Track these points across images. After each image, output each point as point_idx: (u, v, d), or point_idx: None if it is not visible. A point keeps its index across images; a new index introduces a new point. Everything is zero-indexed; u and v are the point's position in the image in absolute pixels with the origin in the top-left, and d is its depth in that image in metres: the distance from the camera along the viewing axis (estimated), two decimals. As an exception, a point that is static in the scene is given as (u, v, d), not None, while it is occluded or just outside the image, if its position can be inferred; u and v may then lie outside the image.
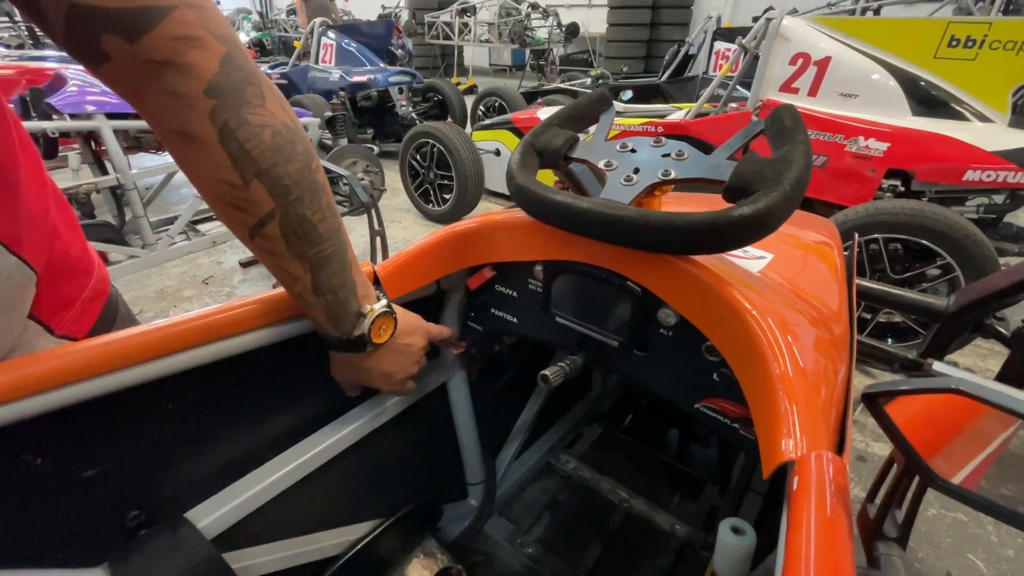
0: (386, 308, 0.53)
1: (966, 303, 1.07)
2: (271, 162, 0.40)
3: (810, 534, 0.30)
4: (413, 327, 0.61)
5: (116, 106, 2.03)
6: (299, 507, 0.68)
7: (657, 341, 0.58)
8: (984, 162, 1.96)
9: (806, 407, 0.40)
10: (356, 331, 0.52)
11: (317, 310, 0.51)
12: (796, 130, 0.52)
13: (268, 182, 0.41)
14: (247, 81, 0.39)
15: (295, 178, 0.42)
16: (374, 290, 0.54)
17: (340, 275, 0.49)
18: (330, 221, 0.46)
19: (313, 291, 0.49)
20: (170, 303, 2.52)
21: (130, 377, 0.47)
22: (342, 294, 0.50)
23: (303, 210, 0.43)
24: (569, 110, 0.67)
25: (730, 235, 0.45)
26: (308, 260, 0.46)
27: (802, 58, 2.39)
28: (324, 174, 0.46)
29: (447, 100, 5.10)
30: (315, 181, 0.44)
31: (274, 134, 0.40)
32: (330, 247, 0.47)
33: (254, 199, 0.42)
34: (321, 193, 0.45)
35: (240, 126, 0.38)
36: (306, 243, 0.45)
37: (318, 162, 0.45)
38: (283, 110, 0.41)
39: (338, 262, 0.48)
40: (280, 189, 0.41)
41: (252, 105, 0.39)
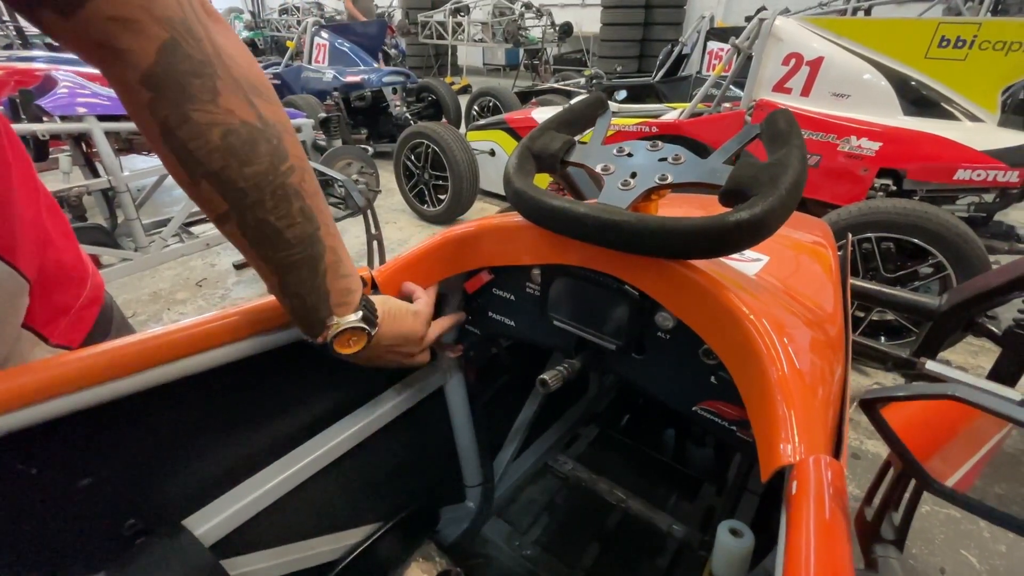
0: (357, 324, 0.50)
1: (958, 302, 1.09)
2: (220, 164, 0.37)
3: (810, 538, 0.31)
4: (402, 335, 0.58)
5: (107, 108, 2.01)
6: (297, 513, 0.68)
7: (654, 344, 0.59)
8: (974, 161, 1.98)
9: (803, 411, 0.40)
10: (320, 339, 0.49)
11: (285, 308, 0.49)
12: (791, 134, 0.52)
13: (218, 184, 0.38)
14: (195, 72, 0.34)
15: (253, 181, 0.38)
16: (357, 298, 0.50)
17: (309, 282, 0.46)
18: (301, 227, 0.43)
19: (281, 292, 0.47)
20: (163, 306, 2.51)
21: (126, 386, 0.47)
22: (310, 300, 0.47)
23: (263, 215, 0.40)
24: (565, 114, 0.67)
25: (728, 240, 0.46)
26: (272, 263, 0.44)
27: (795, 58, 2.40)
28: (304, 176, 0.42)
29: (441, 100, 5.09)
30: (282, 185, 0.40)
31: (226, 133, 0.36)
32: (299, 253, 0.43)
33: (206, 198, 0.39)
34: (291, 198, 0.41)
35: (181, 124, 0.35)
36: (269, 247, 0.42)
37: (294, 164, 0.41)
38: (246, 106, 0.37)
39: (308, 269, 0.45)
40: (234, 192, 0.38)
41: (198, 100, 0.35)
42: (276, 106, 0.40)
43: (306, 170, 0.43)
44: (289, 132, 0.41)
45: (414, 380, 0.80)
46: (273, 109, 0.40)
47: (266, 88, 0.40)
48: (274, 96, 0.41)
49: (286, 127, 0.41)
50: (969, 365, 2.08)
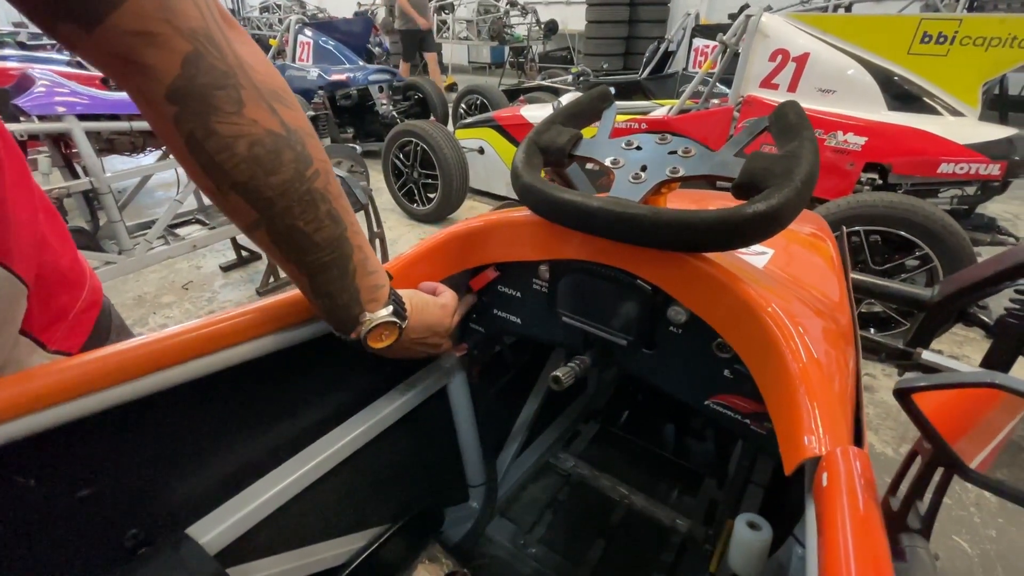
0: (388, 318, 0.51)
1: (950, 293, 1.10)
2: (248, 175, 0.37)
3: (846, 532, 0.30)
4: (429, 326, 0.59)
5: (87, 107, 1.96)
6: (302, 518, 0.67)
7: (666, 339, 0.58)
8: (957, 155, 2.02)
9: (826, 402, 0.40)
10: (353, 335, 0.50)
11: (318, 308, 0.50)
12: (802, 126, 0.52)
13: (246, 195, 0.38)
14: (218, 84, 0.34)
15: (280, 190, 0.38)
16: (386, 292, 0.51)
17: (340, 281, 0.46)
18: (328, 230, 0.43)
19: (312, 292, 0.47)
20: (149, 310, 2.45)
21: (126, 392, 0.46)
22: (341, 300, 0.48)
23: (292, 221, 0.40)
24: (571, 107, 0.66)
25: (745, 232, 0.45)
26: (303, 265, 0.44)
27: (781, 54, 2.43)
28: (328, 179, 0.43)
29: (428, 98, 5.05)
30: (308, 191, 0.40)
31: (252, 144, 0.36)
32: (328, 255, 0.44)
33: (235, 208, 0.39)
34: (318, 203, 0.41)
35: (208, 137, 0.34)
36: (299, 251, 0.43)
37: (319, 168, 0.41)
38: (269, 114, 0.37)
39: (338, 269, 0.46)
40: (262, 202, 0.38)
41: (223, 113, 0.34)
42: (297, 111, 0.40)
43: (330, 173, 0.43)
44: (311, 136, 0.41)
45: (417, 381, 0.79)
46: (294, 115, 0.39)
47: (286, 94, 0.40)
48: (294, 101, 0.40)
49: (308, 132, 0.41)
50: (956, 355, 2.13)
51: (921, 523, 0.35)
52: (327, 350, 0.65)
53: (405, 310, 0.53)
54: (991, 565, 1.29)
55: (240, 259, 2.83)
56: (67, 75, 2.25)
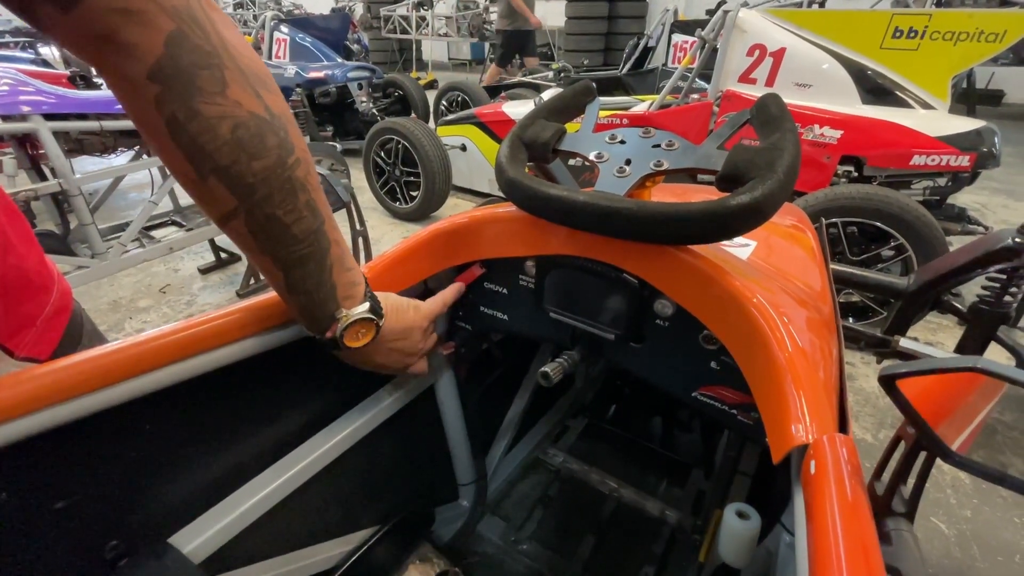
0: (366, 315, 0.50)
1: (925, 281, 1.13)
2: (230, 158, 0.36)
3: (835, 518, 0.31)
4: (406, 328, 0.58)
5: (54, 106, 1.89)
6: (289, 522, 0.65)
7: (653, 332, 0.59)
8: (929, 147, 2.07)
9: (812, 391, 0.41)
10: (329, 334, 0.49)
11: (292, 307, 0.48)
12: (783, 118, 0.53)
13: (227, 180, 0.37)
14: (202, 64, 0.33)
15: (262, 176, 0.37)
16: (363, 290, 0.50)
17: (316, 276, 0.45)
18: (307, 222, 0.42)
19: (287, 288, 0.46)
20: (124, 315, 2.39)
21: (101, 400, 0.44)
22: (317, 296, 0.46)
23: (272, 210, 0.39)
24: (554, 102, 0.66)
25: (730, 223, 0.46)
26: (279, 260, 0.43)
27: (759, 49, 2.46)
28: (308, 169, 0.41)
29: (408, 95, 5.00)
30: (290, 179, 0.39)
31: (235, 127, 0.35)
32: (306, 248, 0.43)
33: (213, 196, 0.38)
34: (298, 192, 0.40)
35: (191, 118, 0.33)
36: (276, 243, 0.42)
37: (300, 157, 0.40)
38: (253, 97, 0.36)
39: (315, 263, 0.44)
40: (242, 188, 0.37)
41: (206, 93, 0.33)
42: (279, 97, 0.39)
43: (310, 163, 0.42)
44: (293, 124, 0.40)
45: (404, 381, 0.78)
46: (277, 100, 0.39)
47: (270, 79, 0.38)
48: (276, 87, 0.39)
49: (290, 119, 0.40)
50: (931, 342, 2.19)
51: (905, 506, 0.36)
52: (312, 351, 0.63)
53: (382, 308, 0.52)
54: (967, 544, 1.33)
55: (219, 261, 2.77)
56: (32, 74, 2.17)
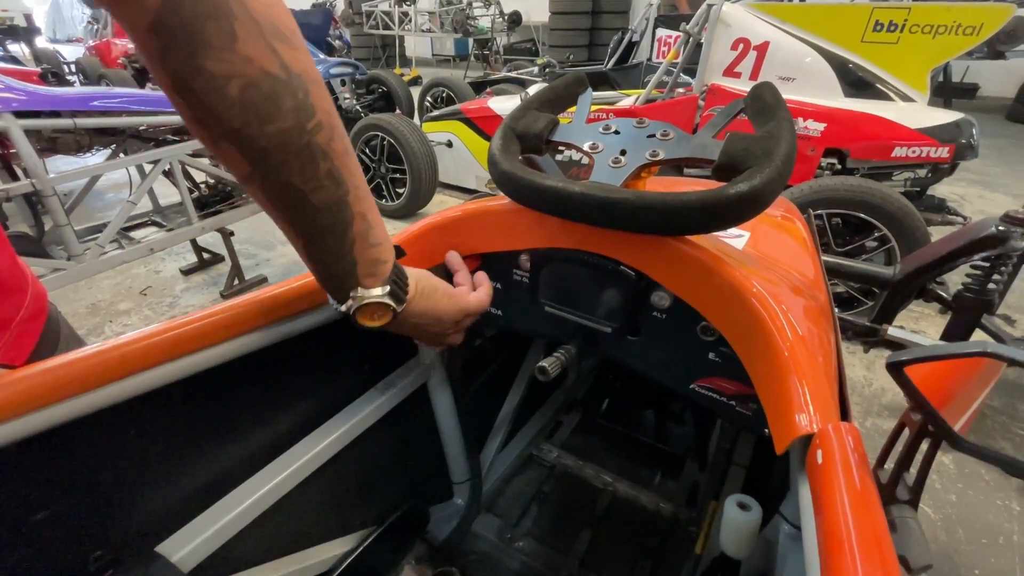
0: (382, 299, 0.47)
1: (910, 271, 1.15)
2: (240, 121, 0.33)
3: (845, 508, 0.30)
4: (435, 315, 0.54)
5: (25, 103, 1.82)
6: (281, 526, 0.64)
7: (650, 324, 0.58)
8: (910, 139, 2.11)
9: (814, 380, 0.40)
10: (343, 307, 0.47)
11: (312, 271, 0.46)
12: (777, 107, 0.53)
13: (238, 144, 0.34)
14: (207, 13, 0.30)
15: (277, 140, 0.34)
16: (388, 269, 0.47)
17: (336, 251, 0.42)
18: (328, 192, 0.39)
19: (306, 256, 0.44)
20: (104, 318, 2.33)
21: (82, 405, 0.42)
22: (336, 269, 0.44)
23: (287, 177, 0.37)
24: (546, 93, 0.65)
25: (728, 213, 0.45)
26: (297, 227, 0.41)
27: (743, 43, 2.48)
28: (332, 135, 0.38)
29: (392, 92, 4.95)
30: (308, 145, 0.36)
31: (245, 86, 0.32)
32: (326, 220, 0.40)
33: (228, 158, 0.35)
34: (318, 160, 0.37)
35: (195, 76, 0.31)
36: (294, 212, 0.39)
37: (322, 120, 0.37)
38: (267, 52, 0.33)
39: (334, 237, 0.41)
40: (255, 152, 0.35)
41: (213, 48, 0.30)
42: (302, 52, 0.35)
43: (335, 128, 0.38)
44: (317, 84, 0.36)
45: (396, 379, 0.77)
46: (299, 56, 0.35)
47: (291, 32, 0.34)
48: (300, 41, 0.35)
49: (313, 78, 0.36)
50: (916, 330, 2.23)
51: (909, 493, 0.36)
52: (301, 352, 0.62)
53: (406, 292, 0.49)
54: (953, 527, 1.36)
55: (202, 262, 2.71)
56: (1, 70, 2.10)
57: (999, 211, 1.00)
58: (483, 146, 3.35)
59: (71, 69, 6.64)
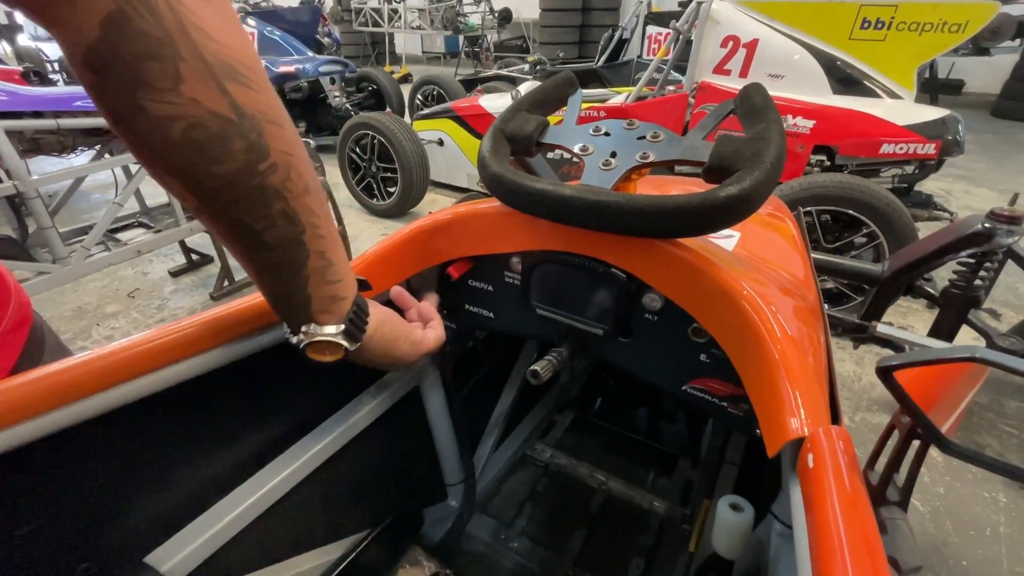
0: (334, 339, 0.45)
1: (899, 268, 1.16)
2: (185, 161, 0.31)
3: (835, 511, 0.30)
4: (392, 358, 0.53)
5: (6, 104, 1.80)
6: (273, 533, 0.63)
7: (642, 326, 0.58)
8: (897, 136, 2.12)
9: (804, 383, 0.40)
10: (293, 339, 0.45)
11: (264, 297, 0.44)
12: (767, 108, 0.53)
13: (185, 182, 0.33)
14: (148, 53, 0.28)
15: (225, 180, 0.33)
16: (346, 307, 0.45)
17: (289, 285, 0.41)
18: (281, 230, 0.37)
19: (258, 284, 0.42)
20: (91, 321, 2.29)
21: (67, 416, 0.41)
22: (288, 303, 0.42)
23: (238, 216, 0.35)
24: (536, 94, 0.65)
25: (718, 215, 0.45)
26: (248, 260, 0.39)
27: (732, 40, 2.48)
28: (289, 175, 0.36)
29: (383, 90, 4.92)
30: (260, 187, 0.34)
31: (189, 128, 0.30)
32: (279, 256, 0.38)
33: (174, 191, 0.34)
34: (270, 200, 0.35)
35: (134, 115, 0.29)
36: (244, 246, 0.38)
37: (276, 162, 0.35)
38: (217, 94, 0.31)
39: (288, 272, 0.40)
40: (203, 191, 0.33)
41: (154, 89, 0.28)
42: (259, 92, 0.34)
43: (292, 167, 0.37)
44: (274, 123, 0.35)
45: (388, 383, 0.77)
46: (253, 96, 0.33)
47: (247, 69, 0.33)
48: (258, 78, 0.34)
49: (271, 118, 0.35)
50: (903, 326, 2.25)
51: (899, 495, 0.36)
52: (291, 357, 0.61)
53: (364, 331, 0.47)
54: (941, 520, 1.38)
55: (191, 263, 2.68)
56: (-19, 70, 2.06)
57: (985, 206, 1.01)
58: (474, 144, 3.33)
59: (54, 68, 6.52)
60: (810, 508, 0.33)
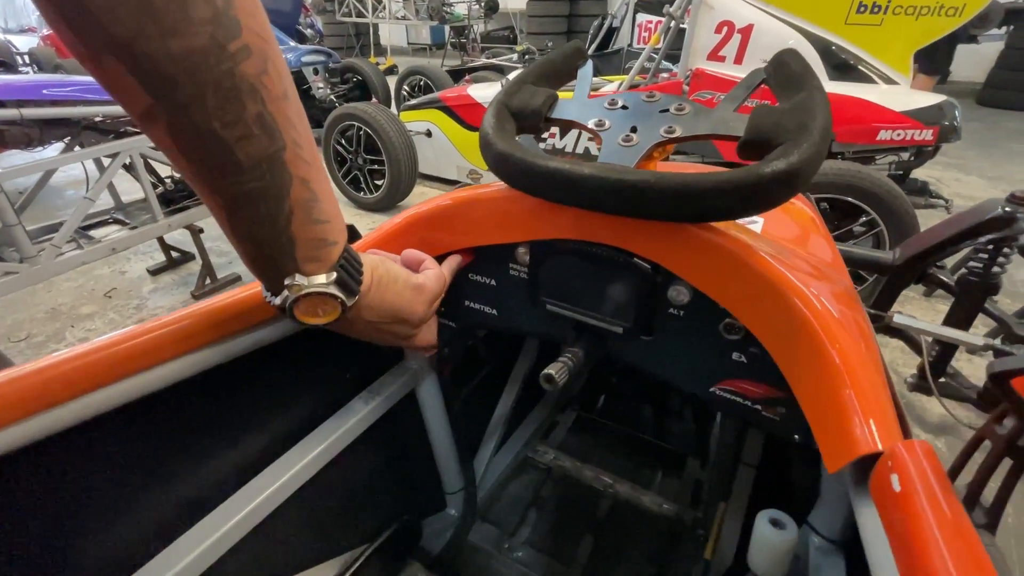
0: (326, 290, 0.37)
1: (911, 256, 1.12)
2: (131, 29, 0.24)
3: (940, 547, 0.25)
4: (396, 311, 0.45)
5: (-35, 94, 1.68)
6: (261, 553, 0.57)
7: (666, 323, 0.52)
8: (894, 122, 2.09)
9: (871, 389, 0.35)
10: (277, 299, 0.37)
11: (240, 254, 0.36)
12: (806, 76, 0.47)
13: (132, 65, 0.25)
14: None
15: (186, 64, 0.26)
16: (336, 252, 0.38)
17: (268, 225, 0.33)
18: (258, 143, 0.30)
19: (231, 229, 0.34)
20: (65, 323, 2.19)
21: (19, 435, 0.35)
22: (268, 248, 0.34)
23: (203, 119, 0.28)
24: (542, 66, 0.58)
25: (764, 195, 0.39)
26: (217, 191, 0.31)
27: (727, 26, 2.43)
28: (265, 66, 0.29)
29: (368, 81, 4.79)
30: (231, 75, 0.27)
31: None
32: (254, 182, 0.31)
33: (117, 85, 0.26)
34: (245, 97, 0.28)
35: None
36: (211, 168, 0.30)
37: (250, 44, 0.27)
38: None
39: (267, 205, 0.32)
40: (157, 80, 0.26)
41: None
42: None
43: (270, 59, 0.29)
44: None
45: (382, 387, 0.70)
46: None
47: None
48: None
49: None
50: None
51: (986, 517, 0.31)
52: (277, 359, 0.55)
53: (359, 282, 0.40)
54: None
55: (170, 261, 2.58)
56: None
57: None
58: (464, 135, 3.25)
59: (24, 60, 6.29)
60: (903, 539, 0.27)
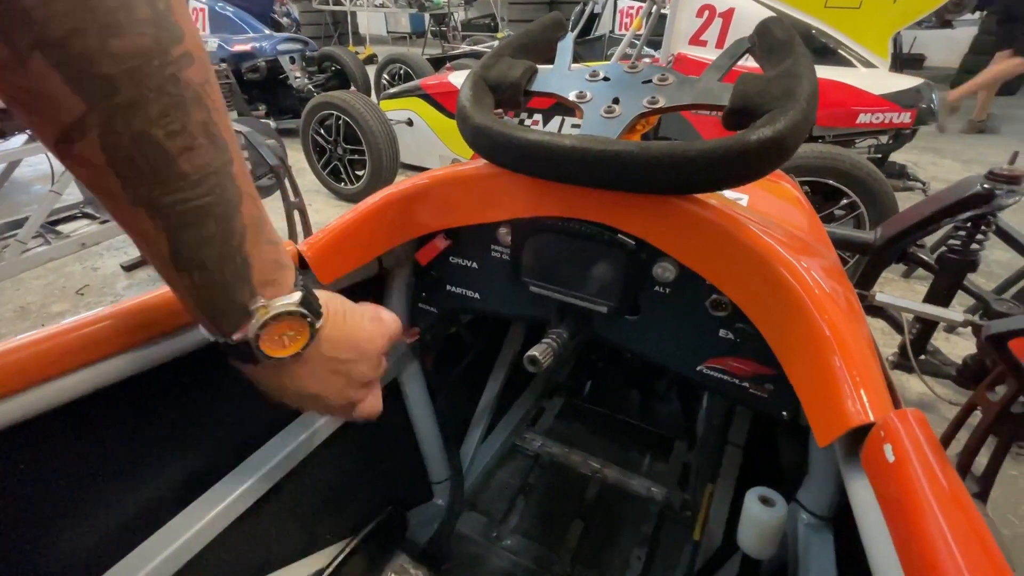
0: (295, 308, 0.33)
1: (892, 235, 1.13)
2: (68, 26, 0.22)
3: (937, 516, 0.24)
4: (356, 343, 0.38)
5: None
6: (239, 550, 0.55)
7: (652, 301, 0.51)
8: (874, 105, 2.11)
9: (862, 361, 0.34)
10: (238, 335, 0.32)
11: (180, 292, 0.31)
12: (791, 43, 0.46)
13: (64, 64, 0.22)
14: None
15: (127, 65, 0.23)
16: (292, 276, 0.34)
17: (220, 243, 0.29)
18: (204, 153, 0.27)
19: (172, 261, 0.29)
20: (35, 322, 2.11)
21: None
22: (221, 274, 0.30)
23: (143, 125, 0.25)
24: (520, 38, 0.56)
25: (750, 163, 0.38)
26: (159, 212, 0.27)
27: (708, 10, 2.42)
28: (207, 76, 0.27)
29: (346, 69, 4.69)
30: (175, 79, 0.25)
31: None
32: (204, 198, 0.28)
33: (41, 93, 0.23)
34: (190, 106, 0.26)
35: None
36: (153, 182, 0.26)
37: (192, 51, 0.26)
38: None
39: (217, 223, 0.29)
40: (94, 82, 0.23)
41: None
42: None
43: (209, 69, 0.27)
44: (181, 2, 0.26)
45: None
46: None
47: None
48: None
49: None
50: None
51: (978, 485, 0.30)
52: None
53: (320, 306, 0.35)
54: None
55: (144, 256, 2.50)
56: None
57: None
58: (445, 123, 3.20)
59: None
60: (897, 509, 0.26)
